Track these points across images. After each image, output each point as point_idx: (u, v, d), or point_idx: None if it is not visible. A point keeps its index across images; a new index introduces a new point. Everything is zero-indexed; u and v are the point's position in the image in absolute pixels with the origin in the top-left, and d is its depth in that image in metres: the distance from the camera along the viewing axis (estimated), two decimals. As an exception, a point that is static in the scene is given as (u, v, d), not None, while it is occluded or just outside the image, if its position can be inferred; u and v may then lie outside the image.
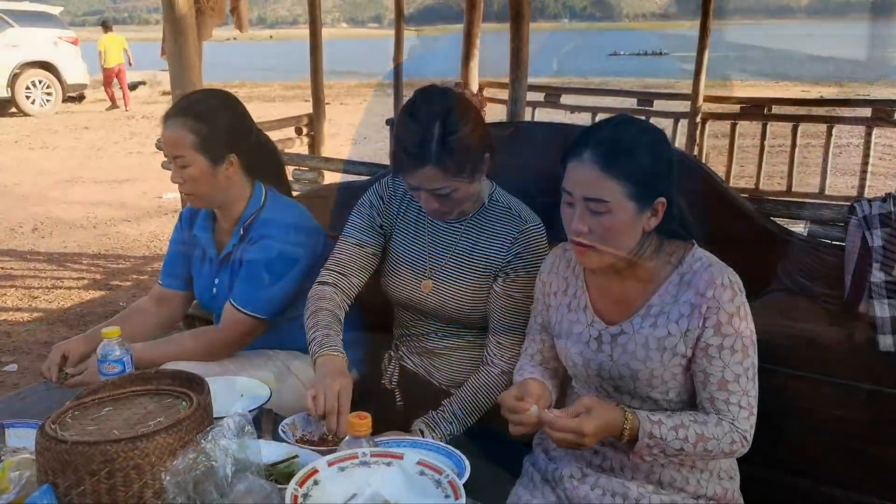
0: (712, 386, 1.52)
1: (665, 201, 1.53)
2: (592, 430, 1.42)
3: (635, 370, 1.56)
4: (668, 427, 1.48)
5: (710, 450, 1.49)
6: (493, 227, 1.94)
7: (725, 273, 1.53)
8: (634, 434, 1.47)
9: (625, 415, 1.47)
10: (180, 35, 3.21)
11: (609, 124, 1.56)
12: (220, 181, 2.08)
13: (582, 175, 1.50)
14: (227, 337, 2.08)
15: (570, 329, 1.68)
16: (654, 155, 1.52)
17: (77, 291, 5.36)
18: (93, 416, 1.34)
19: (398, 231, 2.05)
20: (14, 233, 6.88)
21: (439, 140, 1.76)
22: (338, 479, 1.27)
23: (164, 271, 2.35)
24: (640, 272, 1.60)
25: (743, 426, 1.51)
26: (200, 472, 1.23)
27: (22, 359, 4.26)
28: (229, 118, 2.10)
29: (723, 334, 1.51)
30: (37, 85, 14.49)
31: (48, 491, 1.20)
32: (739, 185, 6.63)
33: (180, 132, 2.03)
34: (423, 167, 1.77)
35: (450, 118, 1.78)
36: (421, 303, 2.00)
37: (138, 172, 9.61)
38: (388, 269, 2.05)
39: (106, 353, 1.71)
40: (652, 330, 1.56)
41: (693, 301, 1.53)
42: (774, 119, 6.35)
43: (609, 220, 1.50)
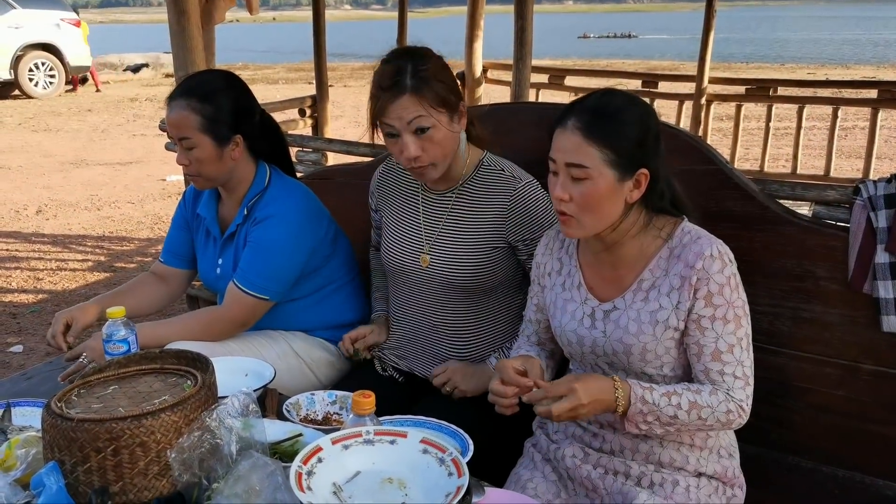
0: (706, 357, 1.53)
1: (647, 173, 1.53)
2: (585, 395, 1.44)
3: (628, 345, 1.58)
4: (659, 393, 1.48)
5: (704, 418, 1.49)
6: (486, 190, 1.97)
7: (714, 244, 1.54)
8: (627, 401, 1.47)
9: (614, 381, 1.48)
10: (183, 16, 3.20)
11: (595, 94, 1.57)
12: (226, 162, 2.08)
13: (565, 142, 1.52)
14: (230, 317, 2.08)
15: (564, 307, 1.69)
16: (638, 126, 1.52)
17: (82, 273, 5.38)
18: (98, 394, 1.35)
19: (392, 210, 2.10)
20: (18, 215, 6.89)
21: (413, 71, 1.82)
22: (342, 456, 1.28)
23: (165, 249, 2.36)
24: (630, 248, 1.61)
25: (738, 396, 1.51)
26: (206, 450, 1.24)
27: (27, 340, 4.28)
28: (233, 99, 2.09)
29: (714, 305, 1.52)
30: (40, 67, 14.45)
31: (54, 468, 1.21)
32: (744, 168, 6.61)
33: (185, 114, 2.03)
34: (400, 97, 1.81)
35: (420, 54, 1.88)
36: (422, 278, 2.02)
37: (142, 154, 9.61)
38: (386, 246, 2.10)
39: (111, 332, 1.72)
40: (644, 304, 1.58)
41: (683, 273, 1.54)
42: (780, 101, 6.31)
43: (588, 188, 1.50)
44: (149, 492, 1.23)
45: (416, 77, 1.81)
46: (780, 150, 8.15)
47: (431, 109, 1.82)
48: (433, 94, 1.82)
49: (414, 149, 1.84)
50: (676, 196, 1.61)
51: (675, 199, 1.61)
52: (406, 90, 1.81)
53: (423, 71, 1.82)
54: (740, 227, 1.95)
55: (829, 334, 1.90)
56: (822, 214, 2.01)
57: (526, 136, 2.15)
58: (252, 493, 1.20)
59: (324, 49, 5.15)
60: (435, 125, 1.83)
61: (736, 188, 1.95)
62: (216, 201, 2.25)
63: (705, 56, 6.30)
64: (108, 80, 17.84)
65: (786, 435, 1.97)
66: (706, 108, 6.46)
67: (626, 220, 1.57)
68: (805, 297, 1.91)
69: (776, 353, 1.96)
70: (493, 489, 1.41)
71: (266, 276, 2.05)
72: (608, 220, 1.55)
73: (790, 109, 6.49)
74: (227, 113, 2.06)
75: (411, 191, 2.09)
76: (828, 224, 1.95)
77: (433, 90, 1.82)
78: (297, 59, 22.64)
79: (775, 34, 38.03)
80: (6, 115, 12.63)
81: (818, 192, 2.03)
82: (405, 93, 1.81)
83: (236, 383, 1.68)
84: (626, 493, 1.59)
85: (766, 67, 19.89)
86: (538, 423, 1.85)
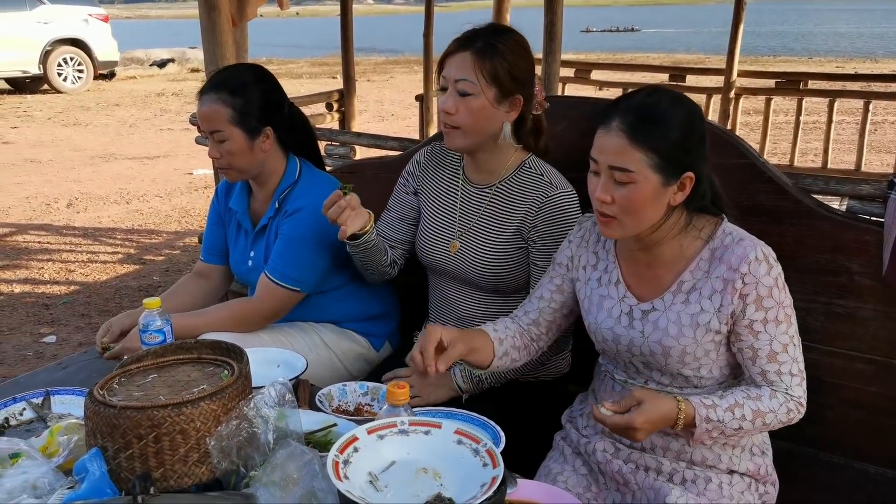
0: (762, 360, 1.52)
1: (693, 176, 1.50)
2: (642, 424, 1.41)
3: (668, 347, 1.56)
4: (723, 409, 1.46)
5: (768, 423, 1.50)
6: (522, 191, 1.96)
7: (758, 247, 1.51)
8: (690, 422, 1.45)
9: (678, 405, 1.44)
10: (213, 10, 3.22)
11: (641, 93, 1.53)
12: (257, 154, 2.11)
13: (608, 143, 1.48)
14: (262, 308, 2.11)
15: (600, 304, 1.67)
16: (686, 128, 1.48)
17: (112, 265, 5.46)
18: (139, 382, 1.37)
19: (432, 195, 2.11)
20: (49, 208, 7.00)
21: (487, 38, 1.85)
22: (377, 446, 1.29)
23: (203, 247, 2.40)
24: (670, 248, 1.58)
25: (797, 393, 1.52)
26: (243, 438, 1.26)
27: (60, 330, 4.36)
28: (263, 91, 2.12)
29: (765, 308, 1.50)
30: (68, 62, 14.62)
31: (97, 454, 1.24)
32: (773, 162, 6.53)
33: (217, 107, 2.05)
34: (460, 53, 1.85)
35: (504, 31, 1.90)
36: (448, 264, 2.04)
37: (169, 149, 9.71)
38: (421, 231, 2.12)
39: (147, 323, 1.75)
40: (684, 307, 1.55)
41: (726, 276, 1.51)
42: (810, 94, 6.24)
43: (633, 191, 1.47)
44: (189, 478, 1.25)
45: (487, 43, 1.84)
46: (807, 144, 8.06)
47: (481, 78, 1.83)
48: (491, 66, 1.83)
49: (451, 103, 1.86)
50: (716, 193, 1.58)
51: (714, 197, 1.58)
52: (469, 49, 1.84)
53: (497, 42, 1.85)
54: (773, 222, 1.93)
55: (863, 330, 1.88)
56: (855, 209, 1.99)
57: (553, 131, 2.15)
58: (289, 480, 1.22)
59: (351, 43, 5.18)
60: (477, 94, 1.84)
61: (769, 182, 1.94)
62: (247, 195, 2.28)
63: (734, 49, 6.24)
64: (135, 75, 18.02)
65: (818, 431, 1.95)
66: (735, 101, 6.40)
67: (667, 221, 1.55)
68: (838, 292, 1.90)
69: (808, 348, 1.92)
70: (526, 481, 1.42)
71: (297, 267, 2.08)
72: (650, 223, 1.53)
73: (819, 103, 6.42)
74: (257, 105, 2.08)
75: (452, 180, 2.09)
76: (862, 218, 1.93)
77: (494, 63, 1.83)
78: (321, 54, 22.71)
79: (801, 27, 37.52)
80: (36, 110, 12.81)
81: (852, 187, 2.01)
82: (467, 50, 1.84)
83: (268, 374, 1.70)
84: (657, 488, 1.59)
85: (794, 61, 19.64)
86: (567, 418, 1.85)
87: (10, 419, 1.65)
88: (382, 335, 2.34)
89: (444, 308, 2.11)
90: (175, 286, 2.38)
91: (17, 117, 12.15)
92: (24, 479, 1.26)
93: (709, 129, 1.99)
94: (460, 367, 1.96)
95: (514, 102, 1.89)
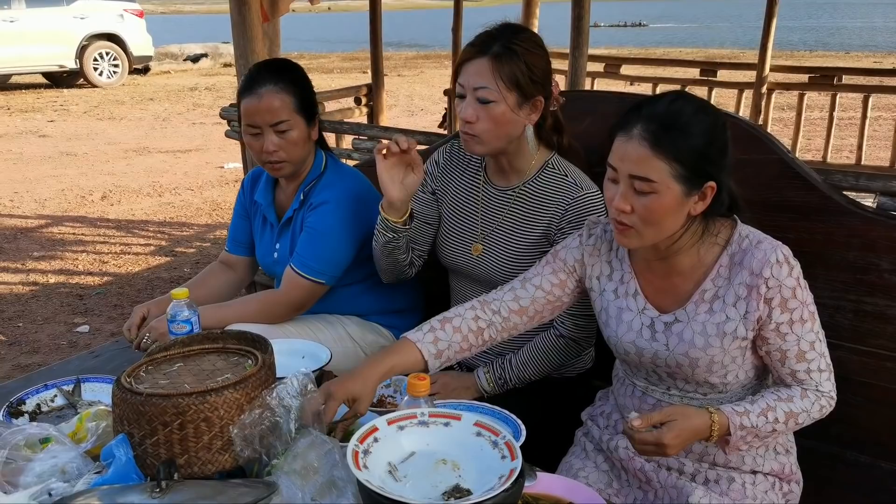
0: (791, 361, 1.50)
1: (715, 186, 1.45)
2: (672, 440, 1.39)
3: (695, 359, 1.52)
4: (755, 414, 1.45)
5: (801, 422, 1.49)
6: (547, 193, 1.93)
7: (778, 249, 1.47)
8: (724, 432, 1.44)
9: (711, 417, 1.43)
10: (244, 5, 3.26)
11: (663, 99, 1.47)
12: (311, 144, 2.16)
13: (629, 151, 1.42)
14: (288, 300, 2.13)
15: (619, 316, 1.62)
16: (709, 137, 1.43)
17: (144, 257, 5.55)
18: (165, 371, 1.40)
19: (452, 196, 2.08)
20: (84, 200, 7.12)
21: (504, 41, 1.80)
22: (397, 437, 1.30)
23: (229, 237, 2.43)
24: (687, 258, 1.54)
25: (826, 388, 1.51)
26: (266, 427, 1.28)
27: (94, 320, 4.44)
28: (310, 82, 2.18)
29: (790, 309, 1.48)
30: (104, 57, 14.84)
31: (124, 440, 1.27)
32: (806, 159, 6.45)
33: (282, 96, 2.06)
34: (477, 59, 1.80)
35: (520, 30, 1.86)
36: (470, 267, 2.02)
37: (201, 142, 9.82)
38: (441, 234, 2.09)
39: (175, 313, 1.78)
40: (709, 316, 1.52)
41: (748, 282, 1.48)
42: (844, 89, 6.13)
43: (653, 201, 1.42)
44: (212, 465, 1.28)
45: (504, 47, 1.79)
46: (842, 140, 7.91)
47: (501, 84, 1.78)
48: (510, 70, 1.78)
49: (470, 112, 1.81)
50: (735, 201, 1.53)
51: (733, 205, 1.53)
52: (486, 55, 1.79)
53: (514, 45, 1.79)
54: (801, 218, 1.91)
55: (892, 328, 1.85)
56: (886, 205, 1.97)
57: (581, 126, 2.14)
58: (310, 469, 1.24)
59: (380, 38, 5.19)
60: (498, 101, 1.79)
61: (797, 178, 1.91)
62: (273, 188, 2.30)
63: (767, 44, 6.16)
64: (169, 69, 18.23)
65: (845, 430, 1.93)
66: (767, 97, 6.31)
67: (686, 231, 1.51)
68: (868, 290, 1.87)
69: (837, 346, 1.90)
70: (545, 474, 1.42)
71: (322, 260, 2.09)
72: (669, 233, 1.49)
73: (854, 99, 6.31)
74: (312, 94, 2.15)
75: (473, 182, 2.06)
76: (892, 215, 1.90)
77: (513, 67, 1.78)
78: (352, 49, 22.80)
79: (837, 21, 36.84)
80: (72, 104, 13.03)
81: (884, 183, 1.98)
82: (484, 56, 1.79)
83: (293, 365, 1.72)
84: (680, 487, 1.58)
85: (829, 56, 19.28)
86: (588, 415, 1.84)
87: (41, 405, 1.69)
88: (407, 328, 2.33)
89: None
90: (201, 276, 2.42)
91: (54, 111, 12.37)
92: (54, 464, 1.30)
93: (737, 125, 1.99)
94: (485, 370, 1.96)
95: (535, 104, 1.86)
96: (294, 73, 2.14)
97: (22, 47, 13.49)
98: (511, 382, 1.95)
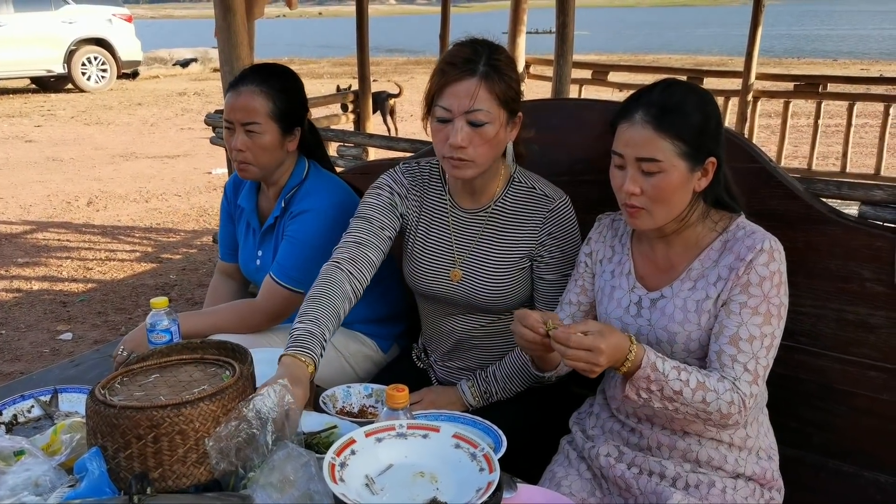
0: (724, 339, 1.51)
1: (715, 161, 1.55)
2: (607, 346, 1.39)
3: (673, 333, 1.57)
4: (671, 365, 1.46)
5: (708, 402, 1.46)
6: (519, 210, 1.89)
7: (767, 239, 1.54)
8: (637, 364, 1.44)
9: (630, 339, 1.44)
10: (229, 12, 3.24)
11: (658, 86, 1.57)
12: (282, 153, 2.14)
13: (634, 135, 1.51)
14: (266, 309, 2.12)
15: (611, 294, 1.70)
16: (704, 113, 1.53)
17: (129, 263, 5.51)
18: (140, 382, 1.38)
19: (421, 223, 1.99)
20: (70, 206, 7.07)
21: (488, 57, 1.73)
22: (374, 449, 1.29)
23: (220, 246, 2.45)
24: (685, 238, 1.62)
25: (744, 389, 1.48)
26: (242, 440, 1.27)
27: (77, 328, 4.40)
28: (299, 91, 2.17)
29: (749, 294, 1.51)
30: (92, 61, 14.79)
31: (97, 453, 1.25)
32: (792, 166, 6.49)
33: (259, 99, 2.06)
34: (467, 79, 1.70)
35: (496, 45, 1.79)
36: (450, 294, 1.95)
37: (189, 148, 9.79)
38: (414, 262, 2.00)
39: (154, 322, 1.76)
40: (690, 293, 1.58)
41: (732, 265, 1.54)
42: (829, 97, 6.17)
43: (661, 180, 1.51)
44: (187, 479, 1.26)
45: (490, 65, 1.72)
46: (830, 147, 7.97)
47: (494, 104, 1.72)
48: (501, 89, 1.72)
49: (462, 137, 1.70)
50: (729, 184, 1.62)
51: (728, 187, 1.61)
52: (476, 74, 1.70)
53: (498, 61, 1.74)
54: (784, 227, 1.90)
55: (875, 337, 1.85)
56: (868, 214, 1.97)
57: (566, 134, 2.14)
58: (286, 482, 1.22)
59: (366, 44, 5.18)
60: (492, 122, 1.72)
61: (779, 186, 1.92)
62: (256, 193, 2.29)
63: (752, 51, 6.19)
64: (158, 74, 18.19)
65: (827, 438, 1.93)
66: (753, 104, 6.35)
67: (691, 209, 1.58)
68: (850, 299, 1.87)
69: (819, 355, 1.92)
70: (526, 486, 1.41)
71: (302, 269, 2.08)
72: (677, 210, 1.56)
73: (840, 106, 6.34)
74: (295, 104, 2.13)
75: (440, 206, 1.97)
76: (874, 224, 1.90)
77: (503, 84, 1.72)
78: (343, 54, 22.79)
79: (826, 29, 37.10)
80: (59, 109, 12.96)
81: (865, 192, 1.98)
82: (474, 76, 1.70)
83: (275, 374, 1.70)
84: (660, 492, 1.58)
85: (818, 63, 19.42)
86: (574, 420, 1.84)
87: (18, 416, 1.67)
88: (390, 337, 2.34)
89: (440, 333, 2.05)
90: (210, 291, 2.45)
91: (41, 116, 12.31)
92: (27, 477, 1.28)
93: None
94: (469, 384, 1.95)
95: (517, 121, 1.82)
96: (284, 82, 2.12)
97: (9, 51, 13.44)
98: (497, 395, 1.93)
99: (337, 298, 1.72)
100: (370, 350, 2.27)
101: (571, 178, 2.08)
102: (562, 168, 2.11)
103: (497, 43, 1.81)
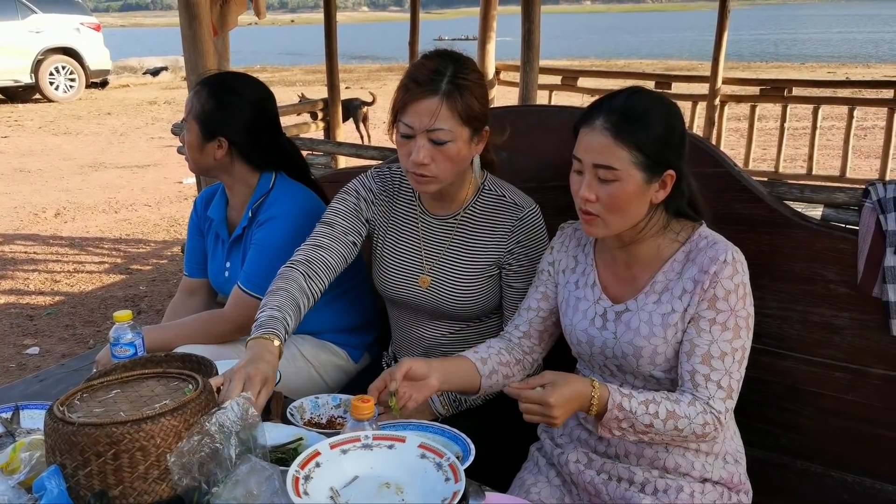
0: (696, 358, 1.51)
1: (674, 174, 1.53)
2: (557, 400, 1.39)
3: (639, 347, 1.56)
4: (638, 401, 1.45)
5: (681, 429, 1.47)
6: (488, 217, 1.90)
7: (730, 250, 1.53)
8: (603, 406, 1.44)
9: (592, 383, 1.44)
10: (194, 21, 3.22)
11: (623, 93, 1.54)
12: (207, 157, 2.14)
13: (592, 141, 1.50)
14: (232, 318, 2.09)
15: (576, 306, 1.68)
16: (667, 126, 1.51)
17: (98, 275, 5.43)
18: (101, 398, 1.36)
19: (390, 229, 2.00)
20: (37, 217, 6.97)
21: (452, 75, 1.71)
22: (340, 461, 1.28)
23: (186, 261, 2.38)
24: (647, 249, 1.60)
25: (718, 407, 1.48)
26: (205, 454, 1.25)
27: (44, 342, 4.33)
28: (237, 106, 2.11)
29: (717, 309, 1.50)
30: (60, 71, 14.61)
31: (56, 472, 1.22)
32: (760, 169, 6.57)
33: (193, 100, 2.13)
34: (429, 98, 1.70)
35: (463, 61, 1.77)
36: (419, 300, 1.95)
37: (159, 157, 9.70)
38: (383, 267, 2.00)
39: (118, 336, 1.73)
40: (656, 307, 1.56)
41: (696, 277, 1.53)
42: (795, 101, 6.26)
43: (617, 189, 1.49)
44: (148, 496, 1.24)
45: (454, 83, 1.71)
46: (798, 150, 8.08)
47: (456, 123, 1.71)
48: (464, 107, 1.71)
49: (424, 154, 1.72)
50: (694, 196, 1.60)
51: (692, 200, 1.60)
52: (438, 93, 1.70)
53: (463, 79, 1.72)
54: (748, 230, 1.93)
55: (839, 338, 1.87)
56: (831, 217, 2.00)
57: (533, 140, 2.15)
58: (250, 496, 1.21)
59: (335, 52, 5.17)
60: (454, 140, 1.73)
61: (744, 191, 1.93)
62: (225, 204, 2.27)
63: (719, 56, 6.26)
64: (128, 83, 18.01)
65: (794, 439, 1.95)
66: (720, 108, 6.42)
67: (649, 220, 1.56)
68: (814, 301, 1.89)
69: (785, 356, 1.94)
70: (494, 494, 1.40)
71: (268, 276, 2.03)
72: (633, 221, 1.54)
73: (807, 109, 6.44)
74: (222, 114, 2.10)
75: (409, 212, 1.98)
76: (837, 227, 1.92)
77: (466, 103, 1.71)
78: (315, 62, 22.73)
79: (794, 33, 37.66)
80: (27, 119, 12.79)
81: (827, 195, 2.00)
82: (436, 95, 1.70)
83: (241, 386, 1.68)
84: (629, 498, 1.59)
85: (785, 67, 19.72)
86: (543, 428, 1.84)
87: (-23, 434, 1.63)
88: (361, 346, 2.32)
89: (409, 340, 2.05)
90: (169, 309, 2.38)
91: (8, 126, 12.13)
92: (-16, 497, 1.25)
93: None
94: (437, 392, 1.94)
95: (483, 135, 1.82)
96: (219, 88, 2.12)
97: (-25, 61, 13.24)
98: (466, 403, 1.93)
99: (295, 291, 1.76)
100: (341, 360, 2.26)
101: (539, 184, 2.09)
102: (529, 174, 2.12)
103: (465, 56, 1.80)
